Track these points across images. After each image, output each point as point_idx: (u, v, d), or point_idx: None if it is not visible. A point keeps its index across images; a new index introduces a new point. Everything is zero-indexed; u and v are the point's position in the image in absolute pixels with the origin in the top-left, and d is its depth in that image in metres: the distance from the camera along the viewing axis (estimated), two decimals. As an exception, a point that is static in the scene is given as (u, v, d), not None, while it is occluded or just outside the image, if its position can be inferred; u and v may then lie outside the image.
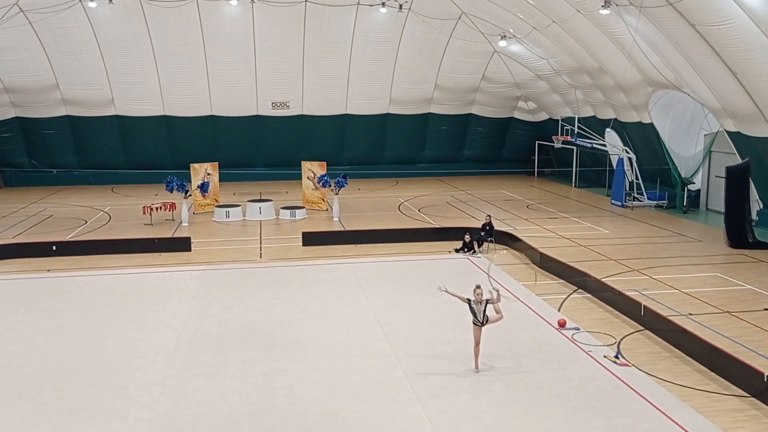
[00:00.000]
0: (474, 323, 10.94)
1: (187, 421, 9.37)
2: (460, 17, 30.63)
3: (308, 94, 33.85)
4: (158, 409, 9.74)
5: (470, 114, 36.92)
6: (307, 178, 26.53)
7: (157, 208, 23.98)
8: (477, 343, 10.95)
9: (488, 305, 10.88)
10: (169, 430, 9.15)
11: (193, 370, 11.10)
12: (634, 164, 27.88)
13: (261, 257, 19.16)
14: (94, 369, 11.18)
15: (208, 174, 26.21)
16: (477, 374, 10.86)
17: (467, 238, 19.34)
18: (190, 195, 24.71)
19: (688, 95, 23.72)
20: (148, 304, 14.70)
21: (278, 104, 34.11)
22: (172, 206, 24.38)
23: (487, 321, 10.90)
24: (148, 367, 11.22)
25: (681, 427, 9.09)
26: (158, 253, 19.41)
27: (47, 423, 9.33)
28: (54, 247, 19.45)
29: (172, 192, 23.92)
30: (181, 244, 19.92)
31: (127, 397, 10.13)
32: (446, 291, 11.12)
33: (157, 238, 20.35)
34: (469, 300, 10.93)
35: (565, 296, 15.20)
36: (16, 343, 12.39)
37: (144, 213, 23.90)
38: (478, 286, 11.03)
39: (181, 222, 23.76)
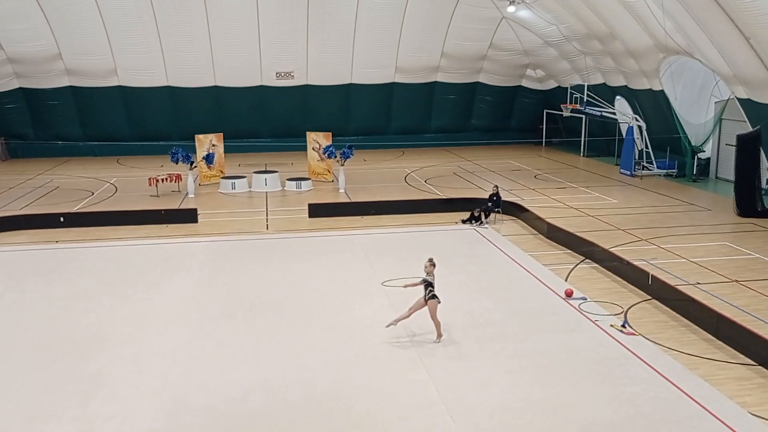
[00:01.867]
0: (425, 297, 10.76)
1: (198, 389, 9.49)
2: (467, -17, 30.10)
3: (313, 63, 33.49)
4: (169, 377, 9.87)
5: (477, 82, 36.51)
6: (312, 149, 26.41)
7: (162, 180, 23.99)
8: (412, 312, 10.86)
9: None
10: (181, 397, 9.28)
11: (203, 340, 11.22)
12: (644, 132, 27.59)
13: (267, 228, 19.20)
14: (106, 338, 11.31)
15: (213, 145, 26.13)
16: (484, 342, 10.89)
17: (476, 213, 19.25)
18: (196, 166, 24.69)
19: (700, 61, 23.34)
20: (157, 274, 14.80)
21: (282, 74, 33.79)
22: (178, 178, 24.39)
23: (431, 298, 10.70)
24: (158, 337, 11.34)
25: (687, 395, 9.14)
26: (165, 225, 19.48)
27: (61, 391, 9.47)
28: (62, 219, 19.54)
29: (177, 163, 23.92)
30: (188, 216, 19.97)
31: (139, 365, 10.26)
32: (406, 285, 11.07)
33: (164, 210, 20.39)
34: (424, 280, 10.81)
35: (572, 266, 15.20)
36: (28, 313, 12.53)
37: (150, 184, 23.92)
38: (429, 260, 10.86)
39: (187, 193, 23.79)
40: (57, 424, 8.57)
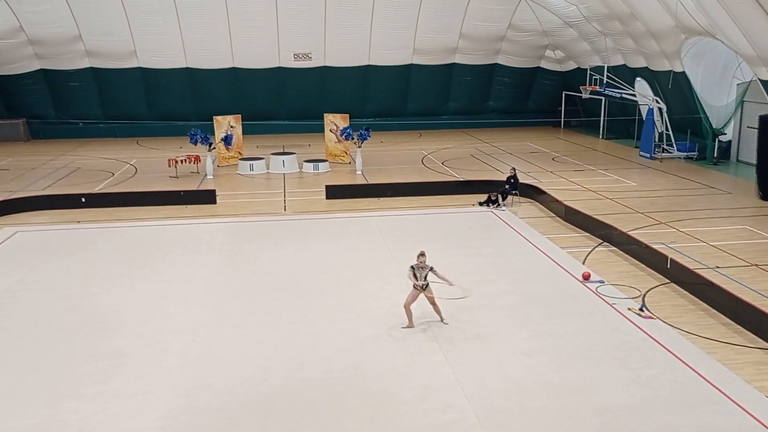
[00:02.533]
0: (414, 287, 10.75)
1: (218, 368, 9.65)
2: (486, -38, 29.66)
3: (330, 44, 33.35)
4: (189, 356, 10.04)
5: (495, 64, 36.13)
6: (330, 130, 26.42)
7: (182, 161, 24.18)
8: (409, 303, 10.81)
9: (430, 273, 10.67)
10: (201, 375, 9.45)
11: (222, 319, 11.38)
12: (665, 114, 27.20)
13: (285, 210, 19.32)
14: (126, 317, 11.51)
15: (231, 126, 26.24)
16: (500, 324, 10.94)
17: (494, 195, 19.18)
18: (214, 148, 24.83)
19: (722, 42, 22.88)
20: (176, 255, 14.99)
21: (300, 56, 33.72)
22: (197, 159, 24.57)
23: (426, 287, 10.70)
24: (178, 316, 11.52)
25: (704, 378, 9.12)
26: (184, 206, 19.69)
27: (83, 368, 9.68)
28: (83, 199, 19.82)
29: (196, 145, 24.09)
30: (207, 197, 20.16)
31: (160, 344, 10.45)
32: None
33: (183, 191, 20.59)
34: (412, 267, 10.71)
35: (590, 249, 15.13)
36: (50, 293, 12.78)
37: (169, 166, 24.13)
38: (422, 253, 10.78)
39: (205, 175, 23.97)
40: (79, 402, 8.77)
